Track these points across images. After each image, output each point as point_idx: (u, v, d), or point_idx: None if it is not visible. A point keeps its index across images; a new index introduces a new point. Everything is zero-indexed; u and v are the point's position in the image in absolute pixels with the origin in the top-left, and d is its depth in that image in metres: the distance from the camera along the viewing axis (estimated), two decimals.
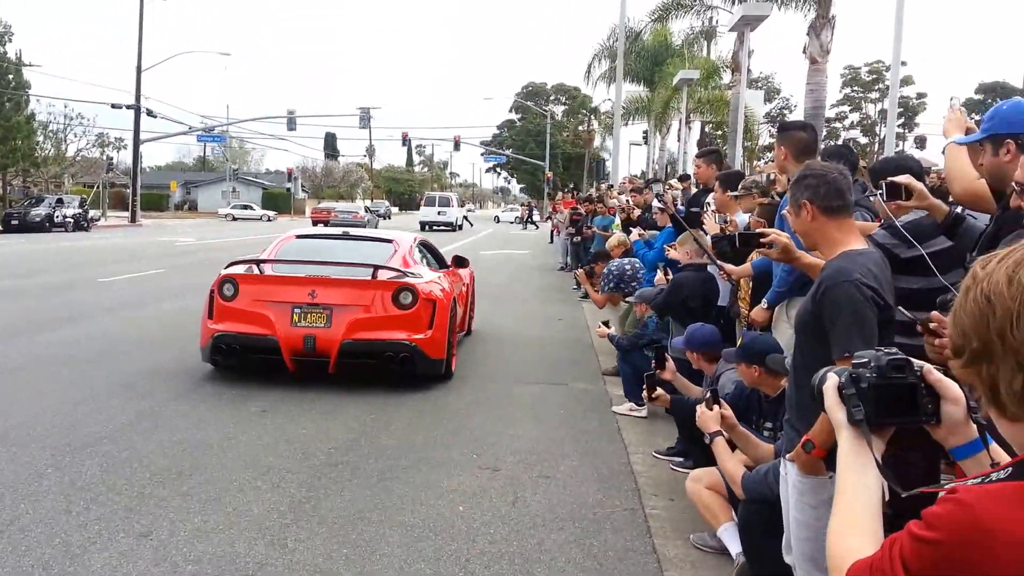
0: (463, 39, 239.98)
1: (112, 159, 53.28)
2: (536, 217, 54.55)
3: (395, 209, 72.18)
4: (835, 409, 1.41)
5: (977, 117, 3.38)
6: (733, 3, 21.46)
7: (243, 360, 7.59)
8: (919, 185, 3.30)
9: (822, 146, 5.71)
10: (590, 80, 35.34)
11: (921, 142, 67.54)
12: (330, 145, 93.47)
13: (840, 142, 65.75)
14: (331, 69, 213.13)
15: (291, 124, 52.30)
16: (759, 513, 3.36)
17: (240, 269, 7.82)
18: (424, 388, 7.54)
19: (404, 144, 68.91)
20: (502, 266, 22.35)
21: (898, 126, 70.76)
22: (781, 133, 4.65)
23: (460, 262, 9.75)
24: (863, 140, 68.03)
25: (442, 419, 6.55)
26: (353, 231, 9.98)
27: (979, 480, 1.07)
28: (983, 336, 1.06)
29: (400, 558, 4.06)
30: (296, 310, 7.31)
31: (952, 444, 1.37)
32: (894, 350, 1.40)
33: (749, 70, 21.10)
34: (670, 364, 4.94)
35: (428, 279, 8.04)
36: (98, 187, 50.64)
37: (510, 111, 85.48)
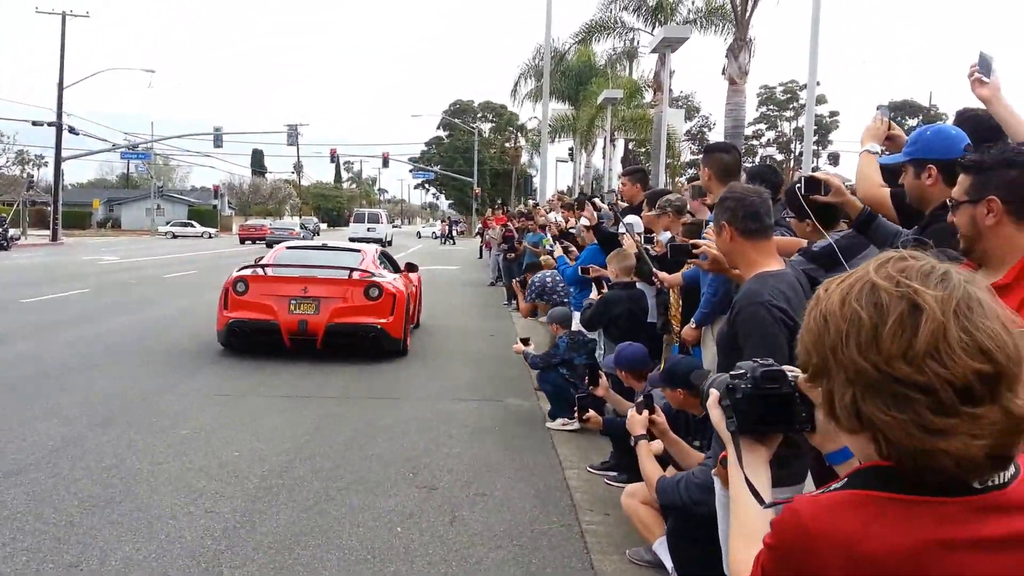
0: (391, 57, 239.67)
1: (33, 177, 51.37)
2: (455, 233, 54.89)
3: (324, 225, 71.15)
4: (719, 421, 1.48)
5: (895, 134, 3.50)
6: (654, 25, 22.06)
7: (251, 341, 9.55)
8: (837, 181, 3.42)
9: (747, 164, 5.90)
10: (516, 98, 35.78)
11: (835, 159, 70.23)
12: (257, 162, 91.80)
13: (758, 159, 67.97)
14: (258, 86, 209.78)
15: (218, 141, 51.24)
16: (686, 527, 3.48)
17: (248, 272, 9.91)
18: (359, 407, 7.55)
19: (332, 161, 68.41)
20: (433, 282, 22.24)
21: (813, 143, 73.24)
22: (706, 155, 4.79)
23: (411, 267, 12.06)
24: (779, 157, 70.32)
25: (377, 438, 6.55)
26: (331, 243, 12.74)
27: (821, 490, 1.16)
28: (821, 353, 1.13)
29: None
30: (292, 301, 9.47)
31: (827, 450, 1.47)
32: (769, 361, 1.44)
33: (670, 90, 21.66)
34: (603, 381, 5.06)
35: (389, 279, 10.27)
36: (18, 205, 48.67)
37: (438, 128, 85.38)
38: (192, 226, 61.83)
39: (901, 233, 3.13)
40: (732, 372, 1.47)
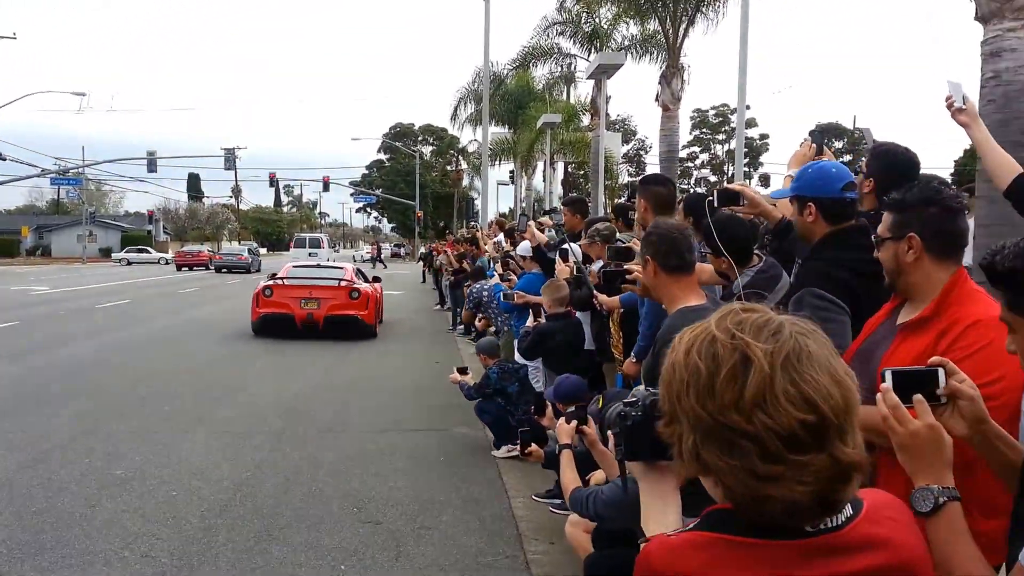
0: (330, 79, 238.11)
1: None
2: (382, 256, 56.00)
3: (263, 250, 69.54)
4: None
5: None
6: (590, 51, 22.40)
7: (275, 328, 14.51)
8: (751, 192, 3.50)
9: (683, 186, 6.00)
10: (457, 122, 35.92)
11: (765, 180, 72.24)
12: (194, 186, 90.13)
13: (693, 181, 69.34)
14: (195, 108, 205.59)
15: (151, 166, 50.01)
16: (603, 560, 3.51)
17: (271, 283, 15.09)
18: (300, 442, 7.42)
19: (272, 185, 67.18)
20: None
21: (744, 165, 75.39)
22: (642, 187, 4.89)
23: (376, 280, 17.20)
24: (713, 178, 71.95)
25: (320, 473, 6.45)
26: (323, 264, 18.95)
27: (678, 530, 1.22)
28: (671, 399, 1.19)
29: None
30: (302, 301, 14.63)
31: None
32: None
33: (607, 114, 21.92)
34: (549, 411, 5.06)
35: (364, 286, 15.50)
36: None
37: (379, 151, 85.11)
38: (148, 252, 61.52)
39: None
40: (625, 400, 1.48)
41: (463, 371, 7.25)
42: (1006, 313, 1.64)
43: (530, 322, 6.79)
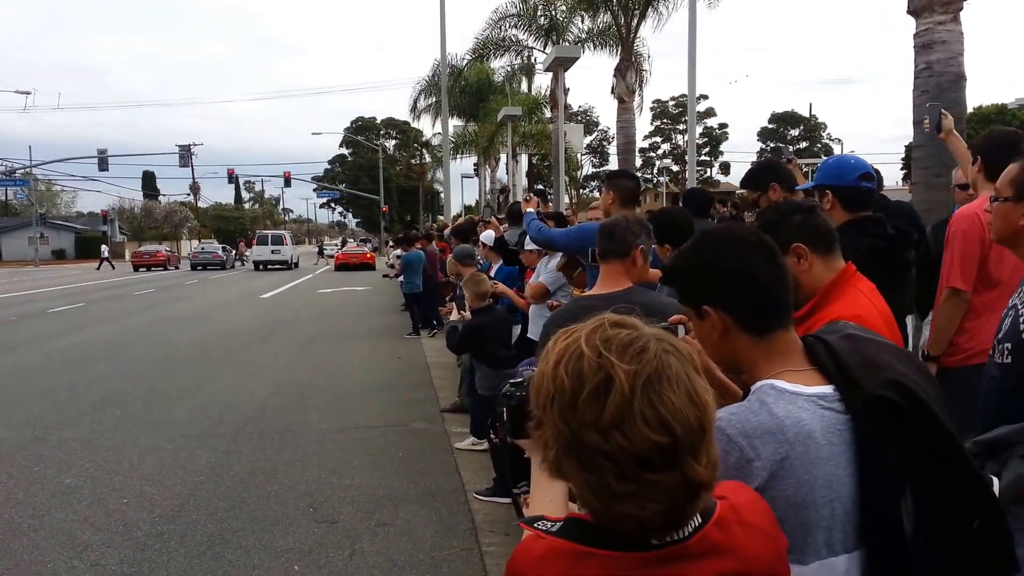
0: (287, 71, 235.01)
1: None
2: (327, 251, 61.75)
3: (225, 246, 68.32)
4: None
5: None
6: (546, 44, 22.37)
7: (342, 269, 43.52)
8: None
9: (654, 177, 6.08)
10: (416, 115, 35.73)
11: (725, 168, 73.06)
12: (149, 184, 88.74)
13: (655, 170, 69.62)
14: (148, 106, 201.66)
15: (103, 164, 49.19)
16: None
17: (339, 253, 49.30)
18: (256, 443, 7.36)
19: (231, 181, 66.39)
20: (341, 307, 21.99)
21: (705, 154, 76.19)
22: (609, 180, 5.16)
23: (375, 249, 55.37)
24: (675, 168, 72.53)
25: (276, 474, 6.40)
26: (355, 246, 56.11)
27: (547, 526, 1.24)
28: (539, 406, 1.21)
29: None
30: (352, 257, 45.86)
31: None
32: None
33: (568, 105, 21.85)
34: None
35: (370, 253, 48.15)
36: None
37: (341, 146, 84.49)
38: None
39: None
40: (511, 380, 1.50)
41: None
42: (684, 307, 1.75)
43: (454, 315, 6.65)
